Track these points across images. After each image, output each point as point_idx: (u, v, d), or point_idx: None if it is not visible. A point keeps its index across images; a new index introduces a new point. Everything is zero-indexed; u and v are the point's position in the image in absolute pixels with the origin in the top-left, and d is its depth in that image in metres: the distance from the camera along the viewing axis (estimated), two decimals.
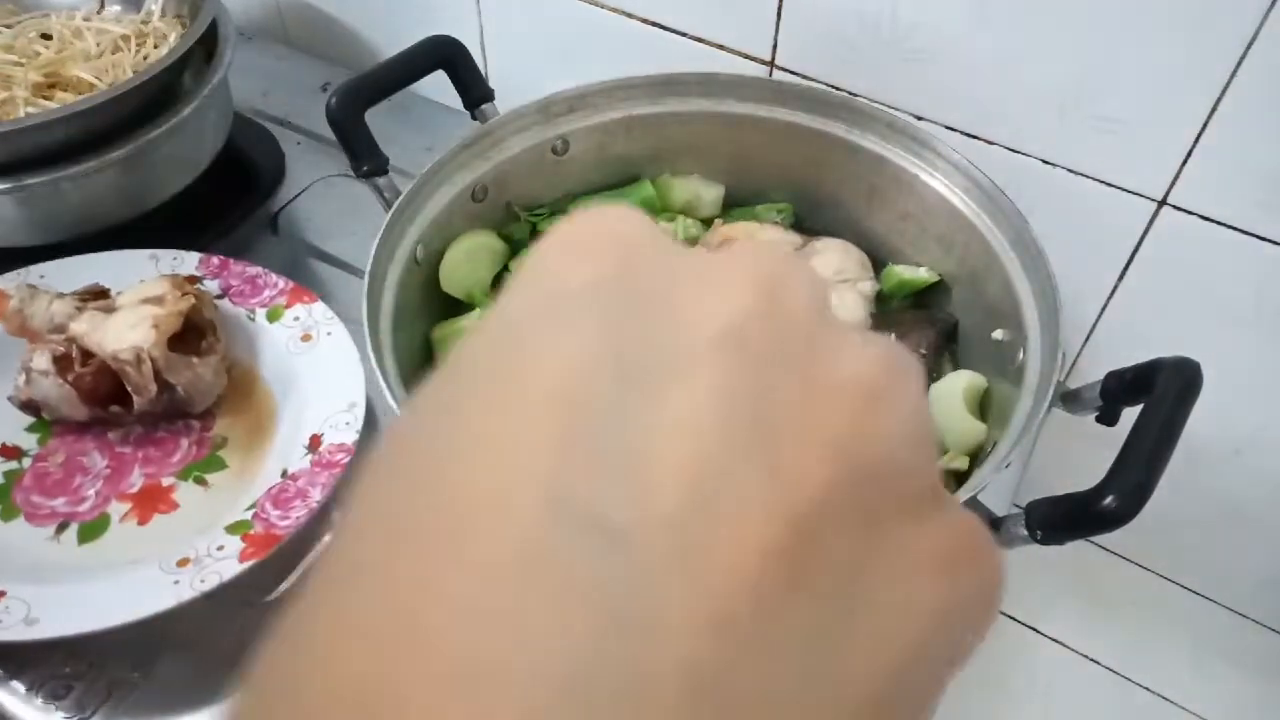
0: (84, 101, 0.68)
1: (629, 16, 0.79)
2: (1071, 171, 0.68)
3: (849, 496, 0.13)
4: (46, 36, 0.80)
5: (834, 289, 0.64)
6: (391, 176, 0.60)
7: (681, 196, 0.70)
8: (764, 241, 0.14)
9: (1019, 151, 0.69)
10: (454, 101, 0.66)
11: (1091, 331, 0.76)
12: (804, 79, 0.74)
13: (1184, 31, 0.59)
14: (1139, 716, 0.81)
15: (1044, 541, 0.43)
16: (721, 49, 0.77)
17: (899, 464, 0.14)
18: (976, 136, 0.70)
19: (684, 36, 0.78)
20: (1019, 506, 0.45)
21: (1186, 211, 0.66)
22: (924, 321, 0.63)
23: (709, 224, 0.69)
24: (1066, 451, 0.70)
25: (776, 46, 0.74)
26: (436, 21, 0.90)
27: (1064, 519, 0.43)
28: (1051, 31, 0.63)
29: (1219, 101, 0.60)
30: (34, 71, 0.75)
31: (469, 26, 0.88)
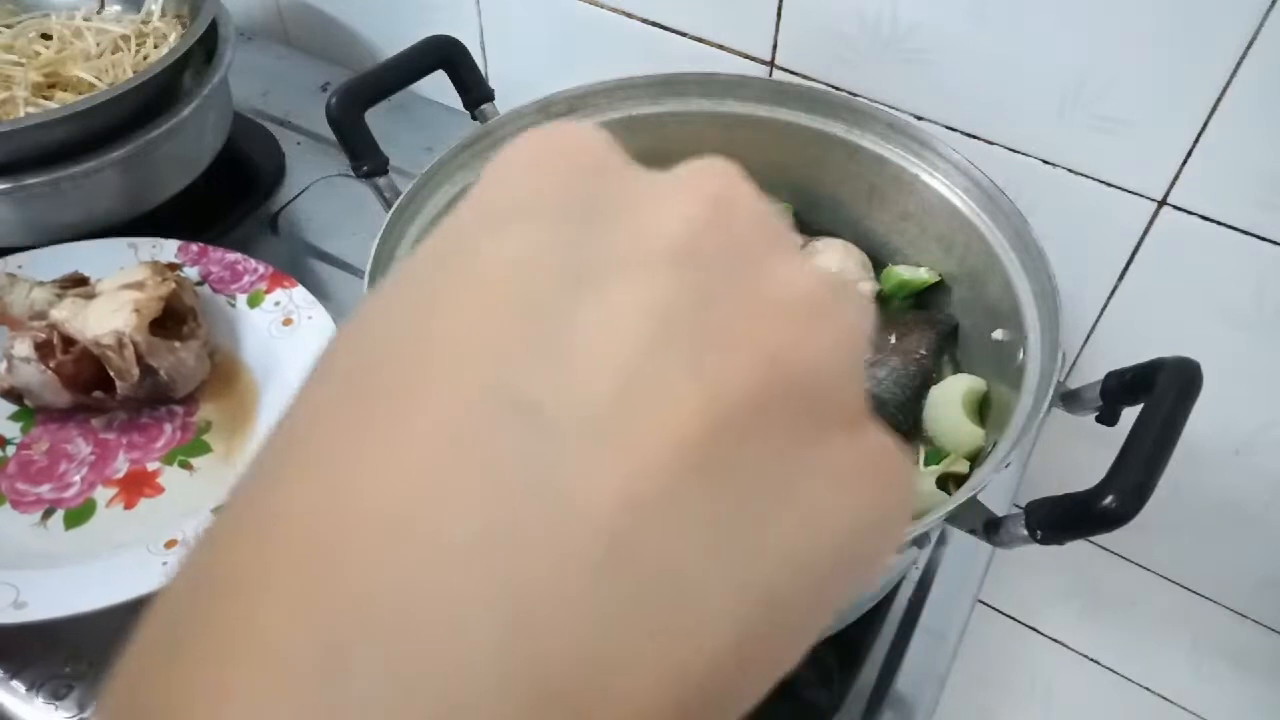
0: (84, 101, 0.68)
1: (629, 16, 0.79)
2: (1072, 171, 0.68)
3: (775, 403, 0.14)
4: (46, 36, 0.80)
5: None
6: (392, 176, 0.60)
7: None
8: (717, 163, 0.15)
9: (1019, 151, 0.69)
10: (454, 101, 0.66)
11: (1091, 331, 0.76)
12: (804, 79, 0.74)
13: (1184, 31, 0.59)
14: (1138, 716, 0.81)
15: (1044, 541, 0.43)
16: (722, 49, 0.77)
17: (827, 381, 0.15)
18: (977, 136, 0.70)
19: (684, 36, 0.78)
20: (1019, 506, 0.45)
21: (1186, 211, 0.66)
22: (924, 322, 0.63)
23: None
24: (1066, 451, 0.70)
25: (776, 47, 0.74)
26: (436, 22, 0.90)
27: (1064, 519, 0.43)
28: (1051, 31, 0.63)
29: (1219, 101, 0.60)
30: (34, 71, 0.75)
31: (469, 27, 0.88)
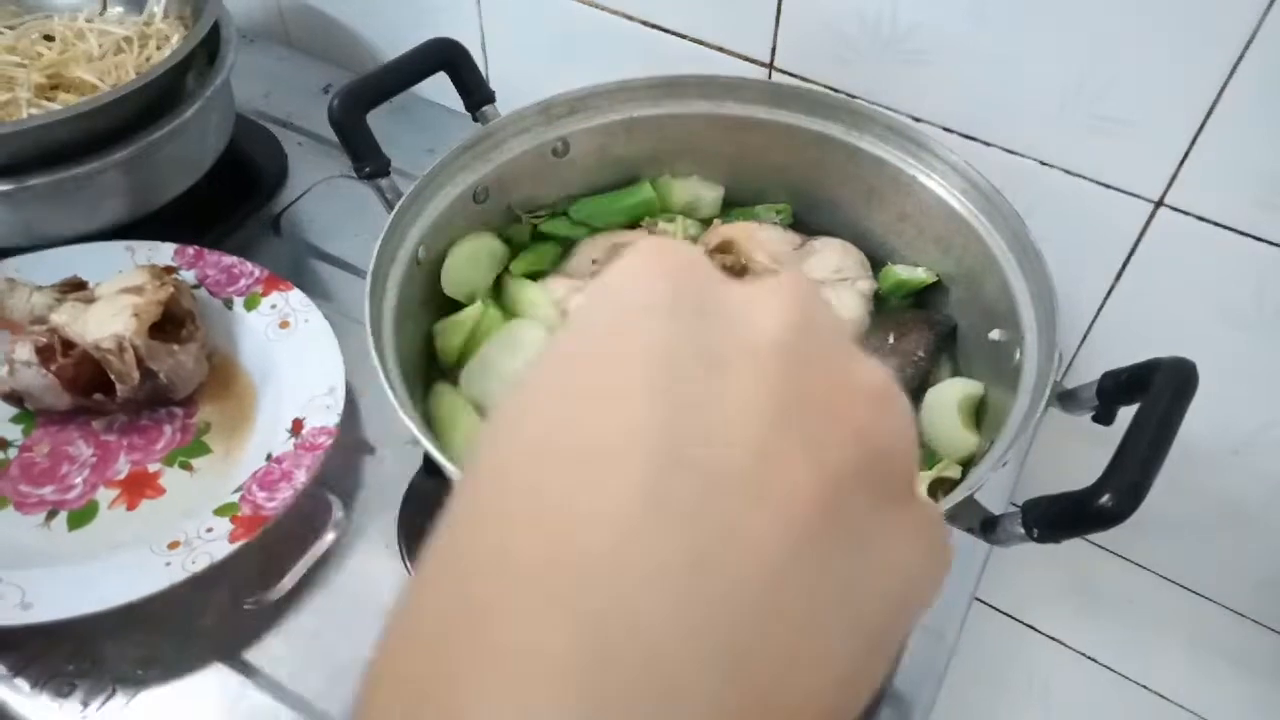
0: (87, 103, 0.68)
1: (629, 19, 0.79)
2: (1069, 172, 0.68)
3: (867, 470, 0.17)
4: (49, 38, 0.80)
5: (832, 287, 0.64)
6: (393, 178, 0.60)
7: (681, 198, 0.70)
8: (797, 276, 0.18)
9: (1016, 153, 0.69)
10: (455, 103, 0.66)
11: (1088, 332, 0.76)
12: (803, 81, 0.75)
13: (1181, 32, 0.59)
14: (1136, 715, 0.81)
15: (1041, 540, 0.44)
16: (721, 51, 0.77)
17: (897, 454, 0.18)
18: (974, 138, 0.70)
19: (684, 38, 0.78)
20: (1016, 505, 0.45)
21: (1183, 212, 0.66)
22: (922, 323, 0.63)
23: (709, 224, 0.69)
24: (1063, 451, 0.70)
25: (775, 48, 0.75)
26: (438, 24, 0.90)
27: (1061, 517, 0.43)
28: (1049, 33, 0.63)
29: (1216, 102, 0.60)
30: (37, 73, 0.75)
31: (470, 29, 0.89)
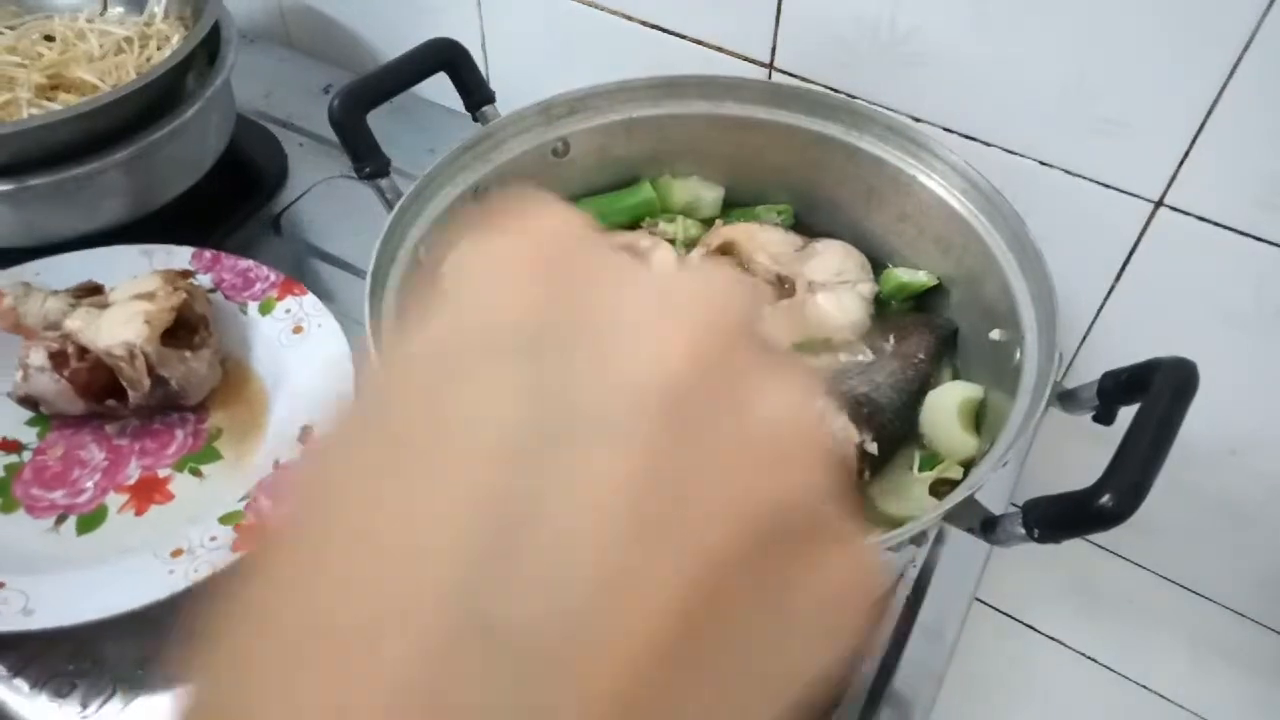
0: (87, 103, 0.68)
1: (629, 19, 0.79)
2: (1069, 173, 0.68)
3: (748, 560, 0.14)
4: (49, 38, 0.80)
5: (833, 290, 0.64)
6: (393, 178, 0.60)
7: (681, 198, 0.70)
8: (711, 273, 0.14)
9: (1016, 153, 0.69)
10: (455, 103, 0.66)
11: (1088, 332, 0.76)
12: (803, 81, 0.75)
13: (1181, 33, 0.59)
14: (1136, 714, 0.81)
15: (1041, 540, 0.44)
16: (721, 51, 0.77)
17: (799, 518, 0.15)
18: (974, 138, 0.70)
19: (684, 39, 0.78)
20: (1016, 505, 0.45)
21: (1183, 212, 0.66)
22: (923, 326, 0.63)
23: (709, 225, 0.69)
24: (1063, 451, 0.70)
25: (775, 49, 0.75)
26: (438, 24, 0.90)
27: (1061, 517, 0.43)
28: (1049, 34, 0.63)
29: (1216, 103, 0.60)
30: (37, 73, 0.75)
31: (470, 29, 0.89)
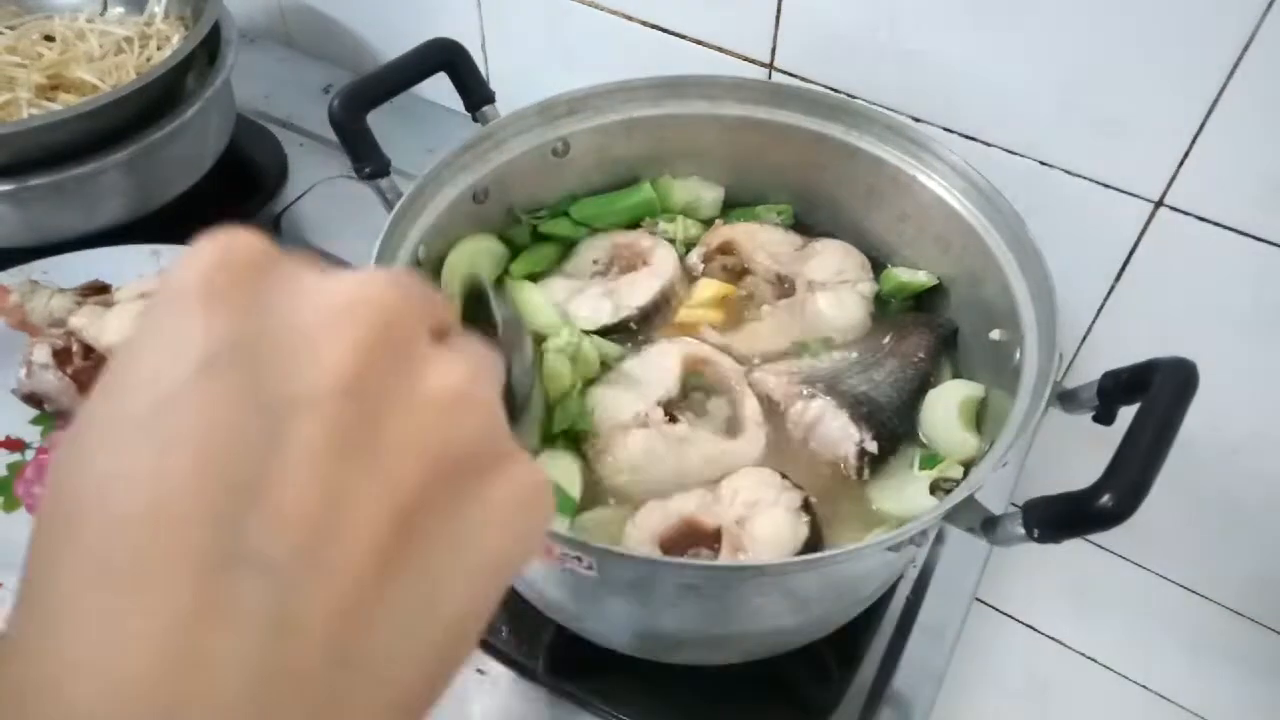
0: (87, 103, 0.68)
1: (629, 19, 0.79)
2: (1068, 173, 0.68)
3: (439, 484, 0.19)
4: (49, 38, 0.80)
5: (833, 290, 0.64)
6: (393, 178, 0.60)
7: (681, 198, 0.70)
8: (379, 280, 0.18)
9: (1016, 153, 0.69)
10: (455, 103, 0.66)
11: (1088, 332, 0.76)
12: (803, 81, 0.75)
13: (1181, 33, 0.59)
14: (1136, 714, 0.81)
15: (1041, 540, 0.44)
16: (721, 51, 0.77)
17: (476, 446, 0.20)
18: (974, 138, 0.70)
19: (684, 39, 0.78)
20: (1016, 505, 0.45)
21: (1183, 212, 0.66)
22: (923, 325, 0.63)
23: (709, 225, 0.70)
24: (1063, 451, 0.70)
25: (775, 49, 0.75)
26: (438, 24, 0.90)
27: (1061, 517, 0.43)
28: (1048, 34, 0.63)
29: (1216, 103, 0.60)
30: (37, 73, 0.75)
31: (470, 29, 0.89)
